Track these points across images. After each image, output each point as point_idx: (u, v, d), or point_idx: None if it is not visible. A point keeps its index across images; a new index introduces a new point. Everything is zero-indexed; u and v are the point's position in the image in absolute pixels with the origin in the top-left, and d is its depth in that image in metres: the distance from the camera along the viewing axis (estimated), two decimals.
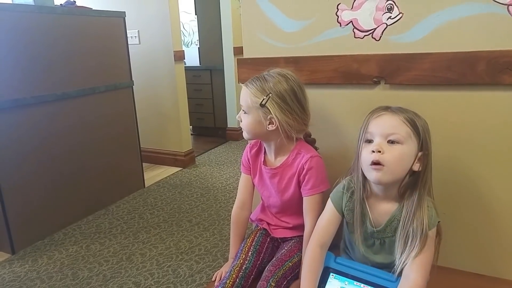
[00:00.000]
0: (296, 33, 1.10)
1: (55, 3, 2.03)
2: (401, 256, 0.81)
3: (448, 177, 1.01)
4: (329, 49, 1.08)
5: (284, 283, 0.94)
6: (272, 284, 0.91)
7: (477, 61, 0.92)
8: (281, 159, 1.04)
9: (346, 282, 0.86)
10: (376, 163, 0.79)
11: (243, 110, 1.01)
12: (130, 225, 2.04)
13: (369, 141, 0.82)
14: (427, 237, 0.80)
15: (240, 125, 1.04)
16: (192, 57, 3.86)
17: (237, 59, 1.19)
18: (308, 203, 0.99)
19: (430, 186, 0.84)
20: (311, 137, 1.10)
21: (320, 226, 0.92)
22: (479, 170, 0.99)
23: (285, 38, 1.12)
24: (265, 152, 1.08)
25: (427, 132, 0.83)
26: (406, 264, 0.80)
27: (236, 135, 3.66)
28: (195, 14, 3.73)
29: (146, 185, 2.58)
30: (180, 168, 2.91)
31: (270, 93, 0.96)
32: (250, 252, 1.01)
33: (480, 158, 0.98)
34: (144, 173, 2.60)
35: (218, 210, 2.17)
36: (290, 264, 0.98)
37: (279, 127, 0.97)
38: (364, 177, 0.85)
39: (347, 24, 1.05)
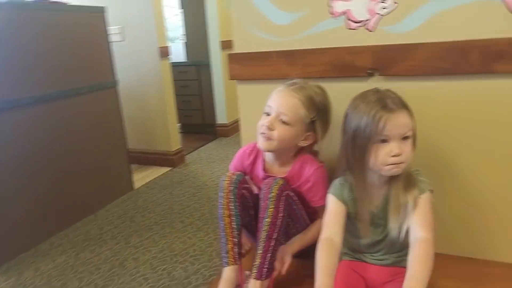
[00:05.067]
0: (289, 26, 1.07)
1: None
2: (400, 225, 0.84)
3: (440, 164, 1.01)
4: (322, 42, 1.05)
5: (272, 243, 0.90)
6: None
7: (470, 50, 0.90)
8: (285, 169, 1.00)
9: None
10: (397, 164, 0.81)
11: (281, 120, 0.90)
12: (121, 230, 1.98)
13: (383, 141, 0.81)
14: (420, 201, 0.83)
15: (266, 132, 0.91)
16: (178, 53, 3.78)
17: (228, 54, 1.14)
18: (322, 211, 0.96)
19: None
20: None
21: (326, 219, 0.90)
22: (470, 157, 0.99)
23: (277, 31, 1.08)
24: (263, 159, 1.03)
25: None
26: (407, 228, 0.83)
27: (225, 131, 3.61)
28: (181, 8, 3.65)
29: (135, 187, 2.51)
30: (170, 168, 2.85)
31: (319, 110, 0.93)
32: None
33: (472, 145, 0.98)
34: (133, 175, 2.54)
35: (211, 208, 2.13)
36: (269, 220, 0.90)
37: (311, 143, 0.96)
38: (364, 170, 0.85)
39: (340, 15, 1.02)
